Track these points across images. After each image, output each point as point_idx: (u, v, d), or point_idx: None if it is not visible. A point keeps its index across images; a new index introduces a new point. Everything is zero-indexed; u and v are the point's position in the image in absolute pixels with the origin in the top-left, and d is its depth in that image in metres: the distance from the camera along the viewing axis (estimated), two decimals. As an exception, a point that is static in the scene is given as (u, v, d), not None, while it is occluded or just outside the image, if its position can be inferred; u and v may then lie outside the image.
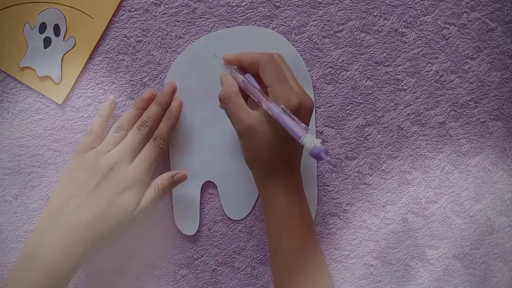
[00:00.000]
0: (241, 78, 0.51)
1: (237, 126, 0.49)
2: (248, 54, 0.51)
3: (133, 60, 0.56)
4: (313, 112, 0.56)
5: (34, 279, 0.48)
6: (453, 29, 0.56)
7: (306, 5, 0.55)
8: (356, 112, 0.57)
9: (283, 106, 0.46)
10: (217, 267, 0.58)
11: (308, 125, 0.47)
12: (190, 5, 0.55)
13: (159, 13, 0.56)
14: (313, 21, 0.56)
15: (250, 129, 0.48)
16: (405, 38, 0.56)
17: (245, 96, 0.50)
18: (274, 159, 0.49)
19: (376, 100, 0.57)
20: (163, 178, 0.54)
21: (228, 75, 0.51)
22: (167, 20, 0.56)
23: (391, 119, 0.57)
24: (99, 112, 0.55)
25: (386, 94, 0.56)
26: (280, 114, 0.46)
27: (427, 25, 0.56)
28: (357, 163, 0.57)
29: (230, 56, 0.52)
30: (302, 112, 0.48)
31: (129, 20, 0.56)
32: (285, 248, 0.51)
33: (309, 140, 0.43)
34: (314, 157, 0.42)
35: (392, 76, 0.56)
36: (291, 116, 0.45)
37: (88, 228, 0.50)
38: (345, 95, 0.56)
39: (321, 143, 0.42)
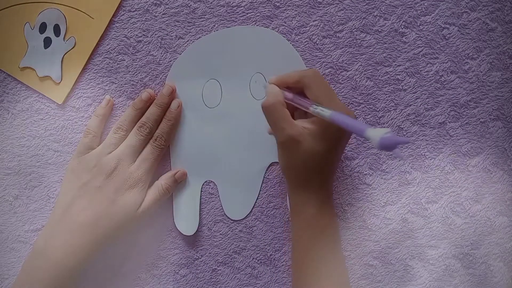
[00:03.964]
0: (287, 92, 0.51)
1: (278, 136, 0.50)
2: (291, 74, 0.51)
3: (133, 60, 0.56)
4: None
5: (41, 279, 0.50)
6: (453, 29, 0.56)
7: (306, 5, 0.55)
8: (356, 112, 0.57)
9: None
10: (217, 267, 0.58)
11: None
12: (190, 5, 0.55)
13: (159, 13, 0.56)
14: (313, 21, 0.56)
15: (292, 140, 0.48)
16: (405, 38, 0.56)
17: (290, 109, 0.51)
18: (310, 171, 0.50)
19: (376, 100, 0.57)
20: (165, 178, 0.56)
21: (274, 86, 0.51)
22: (167, 20, 0.56)
23: (391, 119, 0.57)
24: (96, 112, 0.56)
25: (386, 94, 0.56)
26: (336, 113, 0.46)
27: (427, 25, 0.56)
28: (357, 163, 0.57)
29: (273, 80, 0.52)
30: None
31: (129, 20, 0.56)
32: (310, 259, 0.51)
33: (374, 132, 0.41)
34: (384, 149, 0.41)
35: (392, 76, 0.56)
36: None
37: (92, 228, 0.51)
38: (345, 95, 0.56)
39: (387, 132, 0.40)
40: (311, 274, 0.50)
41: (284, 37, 0.56)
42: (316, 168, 0.49)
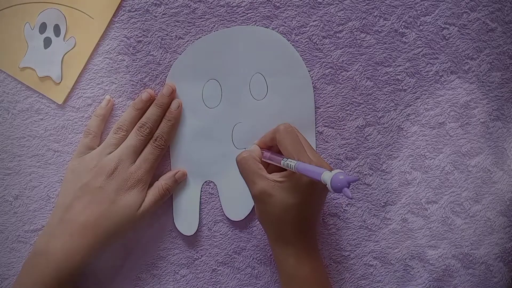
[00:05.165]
0: (266, 151, 0.53)
1: (251, 189, 0.51)
2: (267, 133, 0.54)
3: (133, 60, 0.56)
4: (313, 113, 0.56)
5: (41, 280, 0.50)
6: (453, 29, 0.56)
7: (306, 6, 0.55)
8: (356, 113, 0.57)
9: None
10: (217, 267, 0.58)
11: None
12: (190, 6, 0.55)
13: (159, 13, 0.56)
14: (313, 21, 0.56)
15: (264, 193, 0.49)
16: (405, 38, 0.56)
17: (274, 168, 0.52)
18: (285, 224, 0.50)
19: (376, 100, 0.57)
20: (165, 179, 0.56)
21: (256, 145, 0.54)
22: (167, 20, 0.56)
23: (391, 119, 0.57)
24: (96, 112, 0.56)
25: (386, 94, 0.56)
26: (300, 163, 0.47)
27: (427, 25, 0.56)
28: (357, 163, 0.57)
29: (257, 141, 0.55)
30: None
31: (129, 20, 0.56)
32: None
33: (328, 175, 0.42)
34: (336, 191, 0.41)
35: (392, 76, 0.56)
36: None
37: (92, 229, 0.51)
38: (345, 95, 0.56)
39: (341, 174, 0.41)
40: None
41: (284, 37, 0.56)
42: (290, 221, 0.50)
